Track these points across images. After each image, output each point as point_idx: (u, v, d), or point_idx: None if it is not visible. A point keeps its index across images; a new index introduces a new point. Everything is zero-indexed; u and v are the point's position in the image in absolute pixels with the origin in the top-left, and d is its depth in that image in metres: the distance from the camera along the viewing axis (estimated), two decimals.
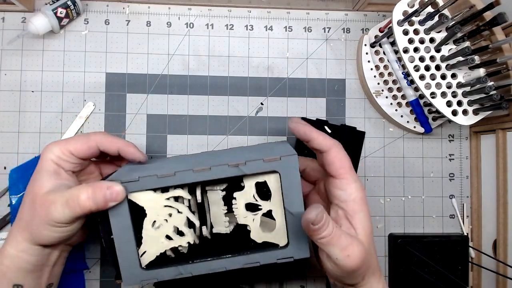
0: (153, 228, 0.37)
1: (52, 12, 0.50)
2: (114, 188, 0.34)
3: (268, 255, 0.37)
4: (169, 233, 0.37)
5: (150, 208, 0.37)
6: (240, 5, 0.56)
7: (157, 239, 0.37)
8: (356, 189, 0.37)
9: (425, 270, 0.53)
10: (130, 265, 0.36)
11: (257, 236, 0.38)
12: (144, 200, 0.36)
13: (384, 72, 0.55)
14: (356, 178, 0.38)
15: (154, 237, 0.37)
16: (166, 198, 0.37)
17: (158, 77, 0.54)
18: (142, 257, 0.37)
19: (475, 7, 0.47)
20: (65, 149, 0.38)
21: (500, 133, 0.52)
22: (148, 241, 0.37)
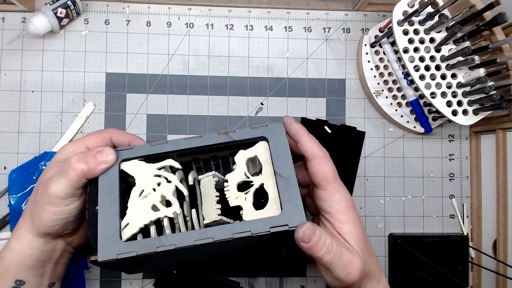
0: (140, 197, 0.35)
1: (52, 12, 0.50)
2: (104, 150, 0.35)
3: (260, 223, 0.34)
4: (155, 203, 0.35)
5: (140, 177, 0.36)
6: (240, 5, 0.56)
7: (142, 209, 0.35)
8: (340, 199, 0.36)
9: (425, 270, 0.53)
10: (110, 237, 0.33)
11: (250, 216, 0.35)
12: (135, 169, 0.36)
13: (384, 72, 0.55)
14: (340, 188, 0.37)
15: (139, 207, 0.35)
16: (157, 168, 0.36)
17: (158, 77, 0.54)
18: (124, 230, 0.34)
19: (475, 7, 0.47)
20: (80, 144, 0.39)
21: (500, 133, 0.52)
22: (132, 211, 0.34)
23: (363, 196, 0.55)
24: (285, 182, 0.35)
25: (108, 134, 0.40)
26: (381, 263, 0.55)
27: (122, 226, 0.34)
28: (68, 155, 0.38)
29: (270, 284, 0.53)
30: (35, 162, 0.50)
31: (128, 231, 0.34)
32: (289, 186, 0.35)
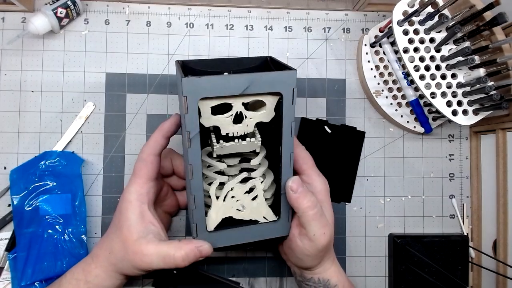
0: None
1: (52, 12, 0.50)
2: (204, 247, 0.39)
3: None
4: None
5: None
6: (240, 5, 0.56)
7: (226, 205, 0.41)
8: (320, 182, 0.43)
9: (425, 270, 0.53)
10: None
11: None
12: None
13: (384, 72, 0.55)
14: (319, 173, 0.43)
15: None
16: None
17: (158, 77, 0.54)
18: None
19: (475, 7, 0.47)
20: (144, 176, 0.40)
21: (500, 133, 0.52)
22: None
23: (363, 196, 0.55)
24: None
25: (162, 135, 0.42)
26: (381, 263, 0.55)
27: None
28: (136, 197, 0.40)
29: (270, 284, 0.53)
30: (35, 161, 0.50)
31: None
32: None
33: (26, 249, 0.48)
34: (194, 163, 0.37)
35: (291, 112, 0.38)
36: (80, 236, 0.49)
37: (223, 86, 0.36)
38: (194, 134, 0.36)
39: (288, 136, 0.39)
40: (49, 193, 0.49)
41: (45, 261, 0.47)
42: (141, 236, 0.38)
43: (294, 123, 0.39)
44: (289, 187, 0.39)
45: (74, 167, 0.51)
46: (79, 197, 0.50)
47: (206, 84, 0.35)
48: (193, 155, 0.37)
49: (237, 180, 0.41)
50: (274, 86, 0.37)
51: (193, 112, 0.36)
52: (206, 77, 0.35)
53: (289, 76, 0.37)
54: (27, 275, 0.47)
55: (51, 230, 0.48)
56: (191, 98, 0.35)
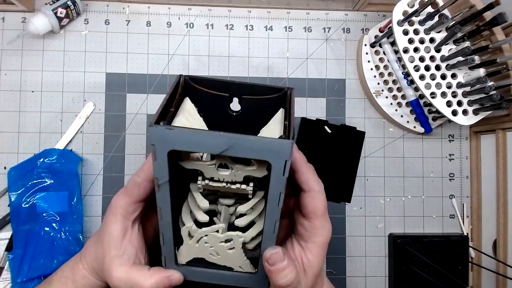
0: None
1: (52, 12, 0.50)
2: (174, 277, 0.37)
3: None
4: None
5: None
6: (240, 5, 0.56)
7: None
8: (321, 234, 0.37)
9: (425, 270, 0.53)
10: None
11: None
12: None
13: (384, 72, 0.55)
14: (325, 223, 0.37)
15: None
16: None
17: (158, 77, 0.54)
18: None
19: (475, 7, 0.47)
20: (135, 196, 0.38)
21: (500, 133, 0.52)
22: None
23: (363, 196, 0.55)
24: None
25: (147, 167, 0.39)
26: (381, 263, 0.55)
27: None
28: (121, 212, 0.38)
29: None
30: (34, 159, 0.50)
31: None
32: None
33: (23, 246, 0.48)
34: (162, 206, 0.34)
35: (280, 183, 0.32)
36: (77, 235, 0.49)
37: (198, 143, 0.30)
38: (162, 182, 0.32)
39: (274, 206, 0.33)
40: (46, 190, 0.49)
41: (41, 258, 0.48)
42: (117, 255, 0.37)
43: (283, 194, 0.33)
44: (265, 259, 0.34)
45: (72, 165, 0.51)
46: (76, 195, 0.50)
47: (177, 137, 0.30)
48: (162, 199, 0.34)
49: (211, 229, 0.36)
50: (261, 154, 0.31)
51: (162, 161, 0.31)
52: (178, 130, 0.30)
53: (280, 146, 0.30)
54: (23, 272, 0.47)
55: (47, 227, 0.48)
56: (159, 148, 0.30)
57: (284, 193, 0.33)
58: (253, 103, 0.40)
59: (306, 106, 0.55)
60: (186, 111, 0.38)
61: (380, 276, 0.55)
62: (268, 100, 0.40)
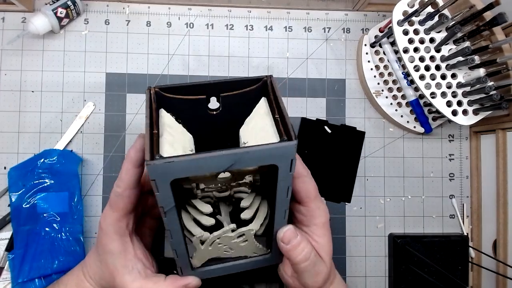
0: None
1: (52, 12, 0.50)
2: (192, 285, 0.38)
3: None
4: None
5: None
6: (240, 5, 0.56)
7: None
8: (319, 215, 0.39)
9: (425, 270, 0.53)
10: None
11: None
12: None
13: (384, 72, 0.55)
14: (321, 203, 0.39)
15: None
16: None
17: (158, 77, 0.54)
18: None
19: (475, 7, 0.47)
20: (121, 210, 0.37)
21: (500, 133, 0.52)
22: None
23: (363, 196, 0.55)
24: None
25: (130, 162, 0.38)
26: (381, 263, 0.55)
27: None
28: (115, 229, 0.38)
29: (271, 285, 0.53)
30: (34, 159, 0.50)
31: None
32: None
33: (23, 247, 0.48)
34: (172, 229, 0.34)
35: (288, 178, 0.33)
36: (77, 235, 0.50)
37: (200, 166, 0.29)
38: (169, 208, 0.32)
39: (283, 197, 0.35)
40: (47, 191, 0.49)
41: (42, 259, 0.48)
42: (126, 272, 0.37)
43: (291, 187, 0.34)
44: (280, 239, 0.37)
45: (72, 165, 0.51)
46: (76, 195, 0.50)
47: (179, 167, 0.28)
48: (171, 223, 0.33)
49: (223, 232, 0.36)
50: (267, 160, 0.30)
51: (166, 191, 0.30)
52: (178, 160, 0.28)
53: (286, 149, 0.30)
54: (24, 272, 0.47)
55: (48, 228, 0.48)
56: (161, 181, 0.29)
57: (291, 186, 0.34)
58: (233, 98, 0.39)
59: (306, 106, 0.55)
60: (167, 125, 0.37)
61: (380, 276, 0.55)
62: (247, 93, 0.38)
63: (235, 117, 0.40)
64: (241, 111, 0.39)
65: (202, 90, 0.38)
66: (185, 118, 0.39)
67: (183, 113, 0.38)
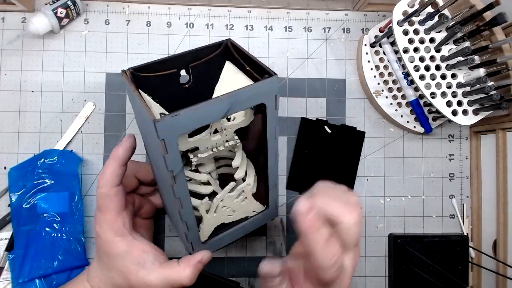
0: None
1: (52, 12, 0.50)
2: (204, 258, 0.38)
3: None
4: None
5: None
6: (240, 5, 0.56)
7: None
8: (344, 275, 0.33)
9: (425, 270, 0.53)
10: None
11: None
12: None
13: (384, 72, 0.55)
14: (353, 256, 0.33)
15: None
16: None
17: None
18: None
19: (475, 7, 0.47)
20: (113, 210, 0.37)
21: (500, 133, 0.52)
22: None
23: (363, 196, 0.55)
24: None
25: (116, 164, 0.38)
26: (381, 263, 0.55)
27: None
28: (112, 229, 0.37)
29: None
30: (35, 160, 0.50)
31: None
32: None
33: (24, 247, 0.48)
34: (182, 196, 0.35)
35: (274, 117, 0.35)
36: (77, 235, 0.50)
37: (201, 117, 0.31)
38: (178, 171, 0.33)
39: (272, 139, 0.37)
40: (47, 191, 0.49)
41: (43, 259, 0.48)
42: (139, 268, 0.37)
43: (279, 126, 0.37)
44: (296, 211, 0.30)
45: (72, 165, 0.51)
46: (76, 195, 0.50)
47: (183, 121, 0.30)
48: (180, 189, 0.34)
49: (225, 192, 0.39)
50: (256, 99, 0.33)
51: (173, 151, 0.31)
52: (183, 112, 0.30)
53: (271, 84, 0.33)
54: (24, 272, 0.47)
55: (48, 228, 0.48)
56: (169, 140, 0.30)
57: (278, 126, 0.37)
58: (201, 68, 0.41)
59: (306, 106, 0.55)
60: (148, 102, 0.40)
61: (380, 276, 0.55)
62: (212, 60, 0.41)
63: (206, 88, 0.42)
64: (210, 79, 0.42)
65: (172, 65, 0.40)
66: (161, 97, 0.41)
67: (159, 91, 0.41)
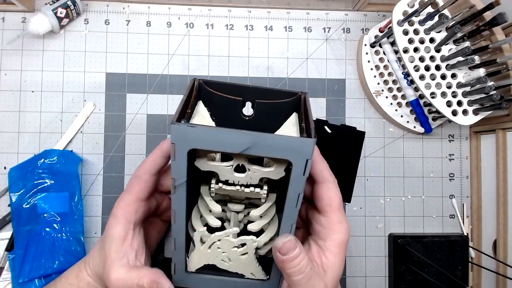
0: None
1: (52, 12, 0.50)
2: (163, 283, 0.36)
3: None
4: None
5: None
6: (240, 5, 0.56)
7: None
8: (340, 231, 0.36)
9: (425, 270, 0.53)
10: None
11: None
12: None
13: (384, 72, 0.55)
14: (343, 219, 0.36)
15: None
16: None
17: (158, 77, 0.54)
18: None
19: (475, 7, 0.47)
20: (135, 194, 0.38)
21: (500, 133, 0.52)
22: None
23: (363, 196, 0.55)
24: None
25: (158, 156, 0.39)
26: (381, 263, 0.55)
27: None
28: (121, 220, 0.38)
29: None
30: (35, 160, 0.50)
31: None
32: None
33: (24, 247, 0.48)
34: (177, 209, 0.34)
35: (300, 183, 0.32)
36: (78, 235, 0.50)
37: (219, 141, 0.30)
38: (180, 183, 0.32)
39: (292, 207, 0.33)
40: (47, 191, 0.49)
41: (43, 259, 0.48)
42: (117, 257, 0.36)
43: (302, 195, 0.33)
44: (277, 249, 0.33)
45: (72, 166, 0.51)
46: (76, 196, 0.50)
47: (199, 135, 0.30)
48: (177, 202, 0.33)
49: (225, 234, 0.36)
50: (282, 153, 0.30)
51: (181, 160, 0.31)
52: (200, 128, 0.29)
53: (303, 145, 0.30)
54: (24, 272, 0.47)
55: (48, 228, 0.48)
56: (179, 147, 0.30)
57: (302, 194, 0.32)
58: (266, 107, 0.40)
59: None
60: (200, 114, 0.38)
61: (380, 276, 0.55)
62: (281, 105, 0.40)
63: (264, 126, 0.40)
64: (272, 121, 0.40)
65: (240, 92, 0.39)
66: (219, 116, 0.40)
67: (218, 112, 0.40)
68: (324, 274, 0.35)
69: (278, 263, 0.34)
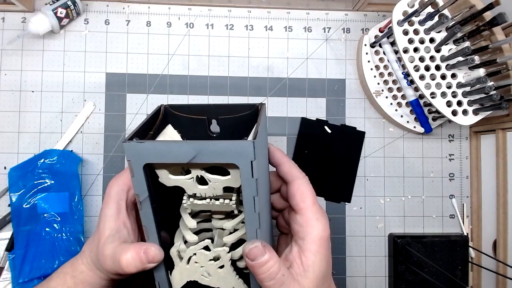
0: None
1: (52, 12, 0.50)
2: (150, 250, 0.35)
3: None
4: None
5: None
6: (240, 5, 0.56)
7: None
8: (317, 227, 0.35)
9: (425, 270, 0.53)
10: None
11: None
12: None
13: (384, 72, 0.55)
14: (320, 215, 0.35)
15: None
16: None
17: (158, 77, 0.54)
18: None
19: (475, 7, 0.47)
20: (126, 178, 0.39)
21: (500, 133, 0.52)
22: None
23: (363, 196, 0.55)
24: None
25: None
26: (381, 263, 0.55)
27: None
28: (115, 196, 0.38)
29: None
30: (35, 160, 0.50)
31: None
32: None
33: (24, 247, 0.48)
34: (147, 225, 0.34)
35: (252, 186, 0.32)
36: (78, 235, 0.50)
37: (168, 153, 0.31)
38: (143, 198, 0.33)
39: (251, 212, 0.33)
40: (47, 191, 0.49)
41: (43, 259, 0.48)
42: (111, 234, 0.36)
43: (258, 198, 0.32)
44: (245, 254, 0.33)
45: (72, 166, 0.51)
46: (76, 196, 0.50)
47: (149, 150, 0.31)
48: (145, 217, 0.34)
49: (199, 247, 0.36)
50: (227, 157, 0.31)
51: (140, 176, 0.32)
52: (148, 142, 0.31)
53: (242, 147, 0.31)
54: (25, 272, 0.47)
55: (48, 228, 0.48)
56: (135, 162, 0.31)
57: (258, 197, 0.32)
58: (230, 122, 0.42)
59: (306, 106, 0.55)
60: (167, 135, 0.40)
61: (380, 276, 0.55)
62: (243, 117, 0.42)
63: (232, 139, 0.41)
64: (238, 134, 0.42)
65: (203, 111, 0.42)
66: (188, 137, 0.42)
67: (187, 132, 0.42)
68: (305, 274, 0.35)
69: (249, 268, 0.34)
